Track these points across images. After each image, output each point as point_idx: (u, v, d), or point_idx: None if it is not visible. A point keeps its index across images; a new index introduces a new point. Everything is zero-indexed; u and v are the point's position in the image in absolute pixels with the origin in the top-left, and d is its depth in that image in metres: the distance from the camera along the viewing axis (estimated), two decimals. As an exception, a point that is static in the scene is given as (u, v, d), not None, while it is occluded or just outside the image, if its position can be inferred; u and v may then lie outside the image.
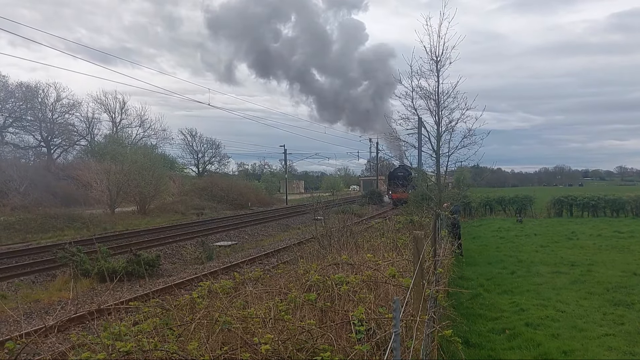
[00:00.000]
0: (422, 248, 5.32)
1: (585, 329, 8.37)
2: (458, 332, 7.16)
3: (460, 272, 13.34)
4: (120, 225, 31.11)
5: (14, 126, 56.61)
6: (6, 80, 54.53)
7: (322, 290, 5.26)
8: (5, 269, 16.83)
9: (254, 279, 6.68)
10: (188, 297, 5.29)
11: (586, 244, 18.56)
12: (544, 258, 15.72)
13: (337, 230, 11.13)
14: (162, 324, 4.49)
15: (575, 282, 12.06)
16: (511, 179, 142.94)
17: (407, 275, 5.90)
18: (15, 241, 24.16)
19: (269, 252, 20.17)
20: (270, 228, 31.90)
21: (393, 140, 31.75)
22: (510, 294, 11.11)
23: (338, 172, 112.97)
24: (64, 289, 14.69)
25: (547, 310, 9.51)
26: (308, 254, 9.65)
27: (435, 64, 13.83)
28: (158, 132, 67.45)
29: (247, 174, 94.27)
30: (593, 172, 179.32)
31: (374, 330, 4.39)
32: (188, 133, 79.35)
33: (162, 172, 41.77)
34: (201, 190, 51.26)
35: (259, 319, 4.41)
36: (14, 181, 37.27)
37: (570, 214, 33.47)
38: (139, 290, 14.04)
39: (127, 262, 16.13)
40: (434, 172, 15.30)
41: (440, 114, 14.19)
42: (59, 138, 60.92)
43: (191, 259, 20.27)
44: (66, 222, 29.57)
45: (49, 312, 11.93)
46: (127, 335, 4.00)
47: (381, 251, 8.46)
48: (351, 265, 6.39)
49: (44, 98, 58.09)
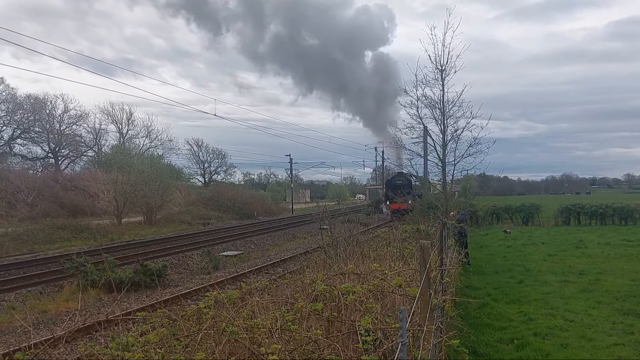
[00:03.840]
0: (429, 257, 5.31)
1: (595, 338, 8.30)
2: (465, 342, 7.13)
3: (467, 281, 13.27)
4: (127, 236, 31.19)
5: (22, 137, 57.10)
6: (15, 92, 55.11)
7: (328, 300, 5.26)
8: (14, 280, 16.90)
9: (260, 289, 6.68)
10: (195, 308, 5.29)
11: (594, 253, 18.44)
12: (551, 267, 15.62)
13: (343, 240, 11.10)
14: (169, 334, 4.50)
15: (583, 291, 11.97)
16: (518, 187, 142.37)
17: (413, 285, 5.89)
18: (23, 252, 24.27)
19: (275, 262, 20.15)
20: (276, 237, 31.89)
21: (398, 148, 31.64)
22: (518, 303, 11.04)
23: (344, 181, 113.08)
24: (71, 300, 14.72)
25: (556, 320, 9.44)
26: (314, 263, 9.65)
27: (440, 73, 13.88)
28: (164, 143, 67.78)
29: (253, 184, 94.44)
30: (600, 179, 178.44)
31: (381, 340, 4.37)
32: (194, 143, 79.67)
33: (168, 182, 41.88)
34: (207, 200, 51.38)
35: (265, 329, 4.41)
36: (22, 192, 37.49)
37: (578, 222, 33.30)
38: (146, 300, 14.05)
39: (133, 273, 16.16)
40: (439, 181, 15.29)
41: (445, 123, 14.22)
42: (66, 149, 61.33)
43: (197, 269, 20.27)
44: (73, 232, 29.67)
45: (57, 322, 11.96)
46: (134, 346, 4.01)
47: (387, 260, 8.43)
48: (357, 275, 6.38)
49: (52, 109, 58.66)
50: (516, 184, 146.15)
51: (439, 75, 13.79)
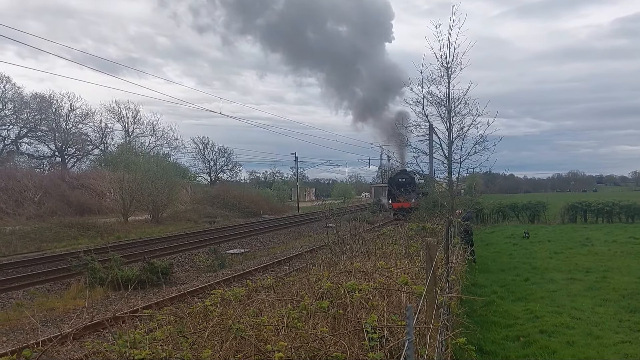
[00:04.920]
0: (435, 255, 5.31)
1: (601, 336, 8.27)
2: (471, 339, 7.12)
3: (473, 279, 13.25)
4: (134, 234, 31.31)
5: (28, 136, 57.47)
6: (21, 91, 55.40)
7: (334, 298, 5.27)
8: (21, 278, 17.01)
9: (266, 287, 6.70)
10: (201, 305, 5.31)
11: (601, 250, 18.36)
12: (558, 265, 15.58)
13: (348, 238, 11.11)
14: (176, 331, 4.52)
15: (590, 288, 11.94)
16: (524, 185, 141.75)
17: (419, 283, 5.89)
18: (30, 250, 24.41)
19: (281, 260, 20.18)
20: (282, 236, 31.94)
21: (400, 145, 31.33)
22: (524, 301, 11.02)
23: (349, 180, 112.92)
24: (78, 297, 14.80)
25: (562, 318, 9.42)
26: (320, 261, 9.65)
27: (446, 70, 13.84)
28: (170, 141, 68.00)
29: (258, 182, 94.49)
30: (607, 177, 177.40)
31: (387, 338, 4.38)
32: (200, 142, 79.85)
33: (174, 180, 41.98)
34: (213, 198, 51.49)
35: (272, 327, 4.43)
36: (29, 190, 37.67)
37: (584, 220, 33.15)
38: (153, 298, 14.11)
39: (140, 270, 16.23)
40: (445, 179, 15.26)
41: (451, 120, 14.18)
42: (72, 148, 61.68)
43: (204, 267, 20.33)
44: (80, 230, 29.83)
45: (64, 320, 12.03)
46: (141, 343, 4.03)
47: (393, 258, 8.44)
48: (363, 273, 6.39)
49: (58, 108, 58.96)
50: (522, 181, 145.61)
51: (444, 72, 13.76)
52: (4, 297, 14.82)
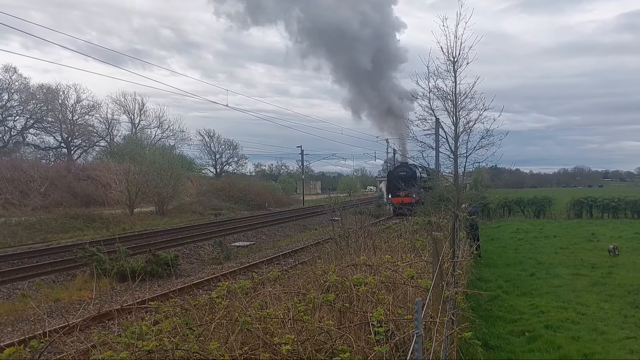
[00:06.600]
0: (442, 249, 5.30)
1: (606, 331, 8.26)
2: (477, 334, 7.11)
3: (478, 273, 13.25)
4: (139, 226, 31.40)
5: (35, 127, 57.64)
6: (27, 82, 55.53)
7: (340, 291, 5.27)
8: (27, 269, 17.09)
9: (272, 280, 6.71)
10: (207, 297, 5.33)
11: (606, 246, 18.28)
12: (563, 260, 15.54)
13: (354, 231, 11.11)
14: (182, 323, 4.53)
15: (595, 284, 11.91)
16: (530, 180, 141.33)
17: (425, 277, 5.89)
18: (36, 241, 24.53)
19: (287, 253, 20.19)
20: (288, 229, 31.96)
21: (402, 137, 30.92)
22: (529, 296, 11.01)
23: (355, 173, 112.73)
24: (84, 289, 14.86)
25: (567, 313, 9.40)
26: (326, 254, 9.65)
27: (453, 65, 13.76)
28: (176, 133, 68.09)
29: (264, 175, 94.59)
30: (613, 173, 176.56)
31: (393, 332, 4.38)
32: (206, 134, 79.92)
33: (180, 172, 42.03)
34: (219, 190, 51.55)
35: (278, 320, 4.44)
36: (35, 181, 37.82)
37: (590, 216, 33.04)
38: (158, 290, 14.16)
39: (146, 262, 16.27)
40: (450, 173, 15.21)
41: (457, 115, 14.12)
42: (79, 139, 61.85)
43: (209, 259, 20.37)
44: (86, 222, 29.94)
45: (70, 311, 12.08)
46: (148, 335, 4.04)
47: (399, 252, 8.43)
48: (369, 266, 6.39)
49: (64, 99, 59.09)
50: (528, 176, 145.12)
51: (451, 67, 13.67)
52: (10, 287, 14.90)
